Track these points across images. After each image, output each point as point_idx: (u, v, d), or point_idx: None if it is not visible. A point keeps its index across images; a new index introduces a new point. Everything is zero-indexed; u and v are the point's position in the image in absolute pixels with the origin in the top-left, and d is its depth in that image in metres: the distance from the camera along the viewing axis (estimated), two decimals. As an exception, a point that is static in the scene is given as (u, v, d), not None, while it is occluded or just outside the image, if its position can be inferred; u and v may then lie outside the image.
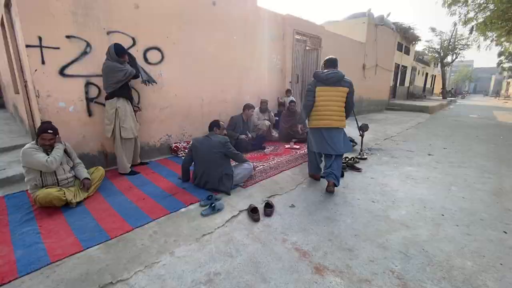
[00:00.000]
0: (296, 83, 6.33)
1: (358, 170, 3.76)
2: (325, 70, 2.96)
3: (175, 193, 2.76)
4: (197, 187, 2.87)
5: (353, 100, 2.99)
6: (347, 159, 4.19)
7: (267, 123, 5.02)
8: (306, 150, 4.30)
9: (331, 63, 3.01)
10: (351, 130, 6.21)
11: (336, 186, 3.00)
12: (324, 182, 3.27)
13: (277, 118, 5.42)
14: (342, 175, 3.47)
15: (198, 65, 4.17)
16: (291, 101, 5.28)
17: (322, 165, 3.28)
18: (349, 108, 3.00)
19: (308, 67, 6.56)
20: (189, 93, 4.17)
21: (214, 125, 2.92)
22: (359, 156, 4.44)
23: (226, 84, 4.72)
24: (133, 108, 3.23)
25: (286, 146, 4.72)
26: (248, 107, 4.45)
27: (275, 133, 5.27)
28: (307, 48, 6.49)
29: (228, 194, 2.76)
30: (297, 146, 4.70)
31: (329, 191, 2.96)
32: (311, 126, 3.09)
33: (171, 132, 4.07)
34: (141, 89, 3.65)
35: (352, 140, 5.01)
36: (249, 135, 4.49)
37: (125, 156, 3.16)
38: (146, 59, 3.60)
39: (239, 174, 2.93)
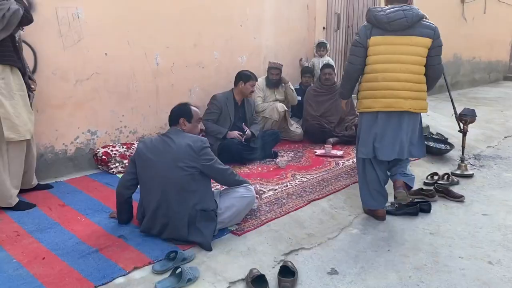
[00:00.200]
0: (336, 31, 6.37)
1: (458, 199, 3.82)
2: (387, 7, 3.03)
3: (104, 246, 2.72)
4: (147, 234, 2.84)
5: (440, 62, 3.07)
6: (435, 177, 4.20)
7: (281, 107, 5.02)
8: (354, 159, 4.40)
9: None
10: (439, 119, 6.17)
11: (410, 188, 3.27)
12: (395, 224, 3.33)
13: (299, 98, 5.46)
14: (429, 208, 3.55)
15: None
16: (326, 66, 5.30)
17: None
18: (433, 77, 3.12)
19: (358, 1, 6.57)
20: (131, 50, 4.22)
21: (179, 113, 2.88)
22: (458, 172, 4.46)
23: (202, 33, 4.77)
24: (28, 86, 3.24)
25: (317, 151, 4.78)
26: (244, 78, 4.49)
27: (296, 126, 5.27)
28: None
29: (208, 249, 2.74)
30: (339, 152, 4.73)
31: (399, 198, 3.12)
32: (362, 110, 3.22)
33: (97, 125, 4.09)
34: (40, 43, 3.64)
35: (442, 140, 5.05)
36: (247, 131, 4.50)
37: (9, 175, 3.18)
38: None
39: (230, 209, 2.91)
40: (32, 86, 3.29)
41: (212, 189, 3.02)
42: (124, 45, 4.14)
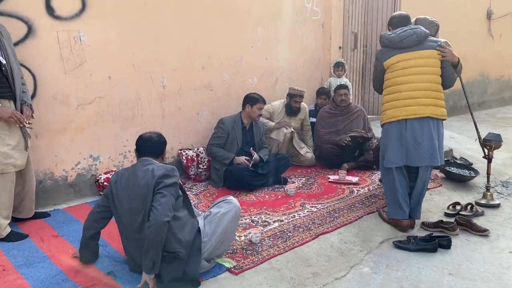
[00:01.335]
0: (352, 50, 6.28)
1: (483, 233, 3.62)
2: (396, 30, 3.50)
3: (91, 285, 2.63)
4: (137, 271, 2.73)
5: (453, 72, 3.47)
6: (457, 207, 4.00)
7: (286, 131, 4.91)
8: (370, 187, 4.36)
9: (402, 20, 3.58)
10: (464, 142, 5.91)
11: (417, 219, 3.70)
12: (411, 261, 3.17)
13: (313, 120, 5.36)
14: (449, 244, 3.37)
15: (155, 17, 4.23)
16: (341, 87, 5.19)
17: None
18: (447, 85, 3.50)
19: (377, 20, 6.49)
20: (136, 73, 4.19)
21: (148, 145, 2.74)
22: (483, 201, 4.24)
23: (211, 55, 4.73)
24: (22, 113, 3.13)
25: (331, 177, 4.63)
26: (251, 101, 4.43)
27: (306, 151, 5.18)
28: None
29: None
30: (354, 178, 4.59)
31: (404, 229, 3.61)
32: (387, 120, 3.53)
33: (100, 150, 4.04)
34: (40, 68, 3.61)
35: (466, 166, 4.93)
36: (255, 156, 4.40)
37: None
38: (50, 9, 3.62)
39: (215, 232, 2.73)
40: (27, 113, 3.19)
41: (198, 212, 2.89)
42: (129, 69, 4.11)
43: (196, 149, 4.60)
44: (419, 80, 3.36)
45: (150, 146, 2.72)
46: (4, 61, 3.01)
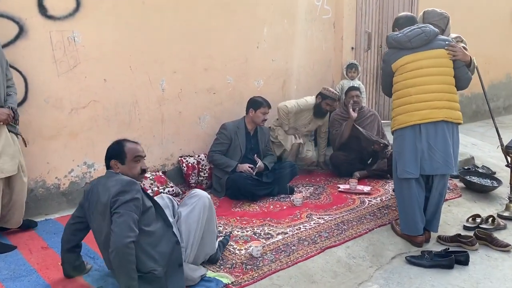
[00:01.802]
0: (366, 51, 6.17)
1: (504, 248, 3.49)
2: (403, 29, 3.44)
3: None
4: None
5: (467, 72, 3.39)
6: (477, 220, 3.87)
7: (294, 140, 4.84)
8: (383, 197, 4.24)
9: (409, 21, 3.55)
10: (487, 150, 5.69)
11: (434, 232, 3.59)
12: (425, 279, 3.04)
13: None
14: (467, 260, 3.25)
15: (153, 16, 4.19)
16: (353, 88, 5.10)
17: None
18: (460, 87, 3.44)
19: (392, 18, 6.24)
20: (133, 75, 4.14)
21: (110, 155, 2.64)
22: (506, 214, 4.10)
23: (214, 56, 4.67)
24: (10, 117, 3.10)
25: (341, 186, 4.51)
26: (254, 104, 4.38)
27: (306, 149, 5.05)
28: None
29: None
30: (366, 187, 4.47)
31: (418, 245, 3.48)
32: (398, 127, 3.44)
33: (94, 157, 3.98)
34: (32, 70, 3.58)
35: (488, 175, 4.79)
36: (259, 164, 4.32)
37: None
38: (43, 9, 3.60)
39: (190, 235, 2.68)
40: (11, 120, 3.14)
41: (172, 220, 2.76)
42: (125, 71, 4.06)
43: (197, 156, 4.52)
44: (430, 82, 3.29)
45: (106, 157, 2.63)
46: None
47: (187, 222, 2.70)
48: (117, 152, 2.59)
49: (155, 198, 2.98)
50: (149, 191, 3.89)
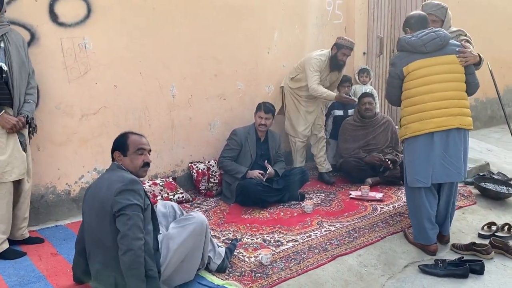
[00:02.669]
0: (378, 56, 6.17)
1: None
2: (416, 33, 3.38)
3: None
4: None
5: (476, 79, 3.39)
6: (493, 228, 3.83)
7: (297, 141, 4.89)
8: (396, 204, 4.22)
9: (422, 21, 3.46)
10: (502, 156, 5.65)
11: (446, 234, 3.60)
12: None
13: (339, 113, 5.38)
14: (482, 269, 3.21)
15: (163, 23, 4.23)
16: (365, 95, 5.06)
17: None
18: (470, 93, 3.43)
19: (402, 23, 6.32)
20: (144, 81, 4.18)
21: (113, 146, 2.66)
22: None
23: (224, 61, 4.70)
24: (21, 122, 3.15)
25: (353, 193, 4.49)
26: (256, 108, 4.40)
27: (318, 159, 5.03)
28: (401, -19, 6.37)
29: None
30: (378, 194, 4.44)
31: (432, 254, 3.45)
32: (411, 135, 3.38)
33: (104, 163, 3.97)
34: (43, 76, 3.63)
35: (504, 182, 4.73)
36: (269, 170, 4.31)
37: None
38: (54, 16, 3.66)
39: (166, 257, 2.59)
40: (23, 123, 3.19)
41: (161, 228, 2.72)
42: (136, 77, 4.10)
43: (207, 162, 4.55)
44: (445, 89, 3.27)
45: (111, 148, 2.64)
46: (5, 68, 3.06)
47: (171, 240, 2.61)
48: (120, 144, 2.59)
49: (158, 204, 3.01)
50: (158, 198, 3.93)
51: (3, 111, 3.03)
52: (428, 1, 3.76)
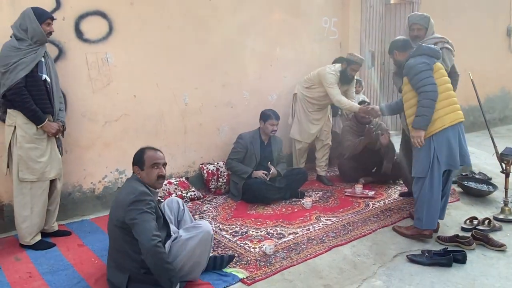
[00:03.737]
0: (369, 68, 6.22)
1: (499, 248, 3.41)
2: (425, 44, 3.54)
3: None
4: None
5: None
6: (474, 222, 3.82)
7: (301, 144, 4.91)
8: (386, 201, 4.28)
9: (407, 44, 3.59)
10: (483, 157, 5.70)
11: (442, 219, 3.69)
12: (424, 276, 3.00)
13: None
14: (464, 259, 3.19)
15: (177, 40, 4.28)
16: (363, 103, 5.03)
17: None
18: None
19: (394, 38, 6.32)
20: (160, 91, 4.22)
21: (133, 161, 2.68)
22: (501, 216, 4.00)
23: (231, 73, 4.74)
24: (60, 130, 3.28)
25: (347, 190, 4.51)
26: (264, 117, 4.40)
27: (320, 162, 5.01)
28: (391, 1, 6.44)
29: None
30: (370, 192, 4.47)
31: (429, 237, 3.50)
32: (448, 125, 3.34)
33: (125, 164, 4.04)
34: (70, 87, 3.69)
35: (485, 181, 4.75)
36: (273, 170, 4.32)
37: (31, 214, 3.17)
38: (79, 33, 3.72)
39: (179, 259, 2.56)
40: (58, 129, 3.24)
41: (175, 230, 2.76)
42: (152, 87, 4.15)
43: (216, 163, 4.57)
44: (451, 88, 3.49)
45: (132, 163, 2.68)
46: (49, 79, 3.15)
47: (181, 247, 2.57)
48: (138, 159, 2.63)
49: (164, 202, 3.03)
50: (173, 195, 3.97)
51: (47, 119, 3.11)
52: (413, 13, 3.84)
